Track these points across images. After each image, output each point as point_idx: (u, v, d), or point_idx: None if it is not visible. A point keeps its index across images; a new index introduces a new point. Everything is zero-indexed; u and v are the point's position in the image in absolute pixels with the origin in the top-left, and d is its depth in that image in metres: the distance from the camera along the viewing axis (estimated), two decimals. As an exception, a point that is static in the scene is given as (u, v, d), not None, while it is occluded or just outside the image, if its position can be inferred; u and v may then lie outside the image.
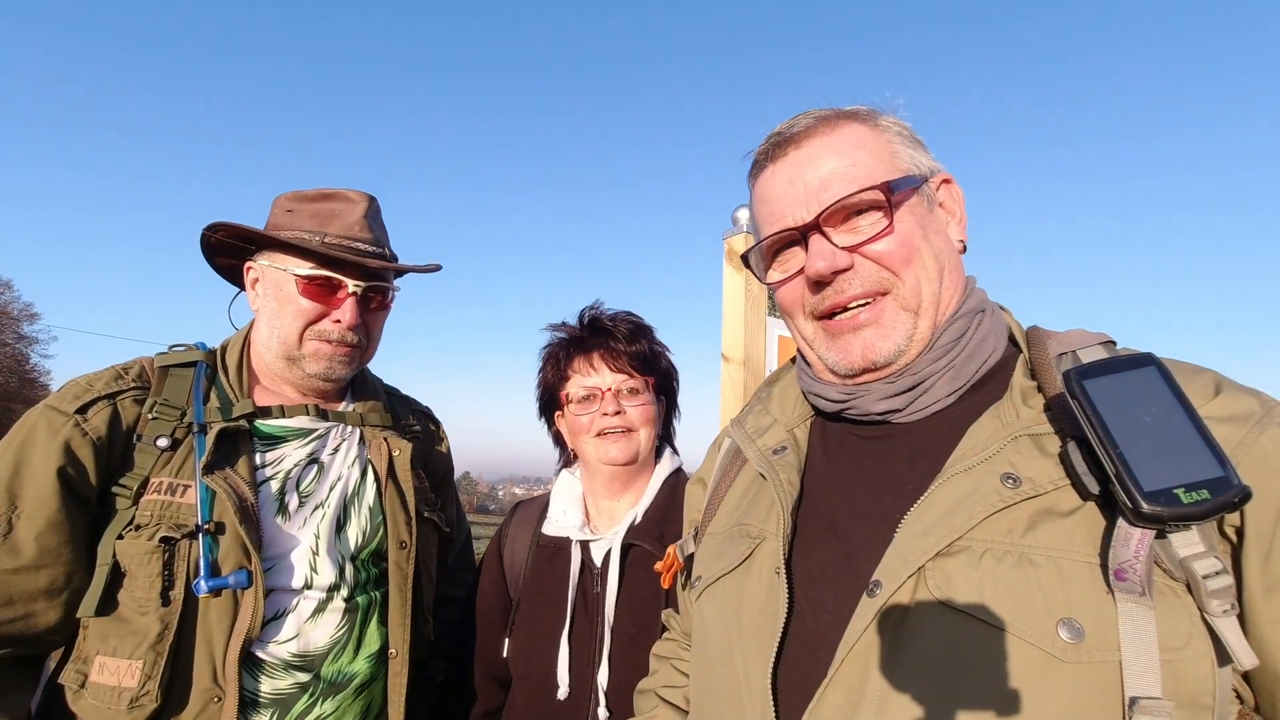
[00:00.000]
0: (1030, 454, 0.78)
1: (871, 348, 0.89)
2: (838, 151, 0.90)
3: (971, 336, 0.89)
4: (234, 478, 1.30)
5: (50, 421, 1.23)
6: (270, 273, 1.45)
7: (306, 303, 1.42)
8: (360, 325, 1.47)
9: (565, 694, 1.39)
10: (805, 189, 0.90)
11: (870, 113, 0.95)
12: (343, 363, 1.47)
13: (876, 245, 0.88)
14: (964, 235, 0.96)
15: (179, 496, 1.27)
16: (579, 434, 1.53)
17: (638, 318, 1.61)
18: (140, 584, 1.22)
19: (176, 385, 1.37)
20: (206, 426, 1.32)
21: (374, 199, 1.51)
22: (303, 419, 1.46)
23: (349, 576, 1.41)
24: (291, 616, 1.34)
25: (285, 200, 1.48)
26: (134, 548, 1.22)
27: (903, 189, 0.88)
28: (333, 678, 1.38)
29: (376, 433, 1.55)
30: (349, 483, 1.47)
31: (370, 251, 1.45)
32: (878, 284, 0.88)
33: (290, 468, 1.41)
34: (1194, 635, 0.67)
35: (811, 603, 0.84)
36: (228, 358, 1.47)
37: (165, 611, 1.22)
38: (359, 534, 1.45)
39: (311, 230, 1.42)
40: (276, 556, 1.33)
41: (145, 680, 1.19)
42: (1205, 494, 0.65)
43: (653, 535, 1.44)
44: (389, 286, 1.53)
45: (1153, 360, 0.75)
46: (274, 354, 1.45)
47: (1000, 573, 0.72)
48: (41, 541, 1.18)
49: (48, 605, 1.20)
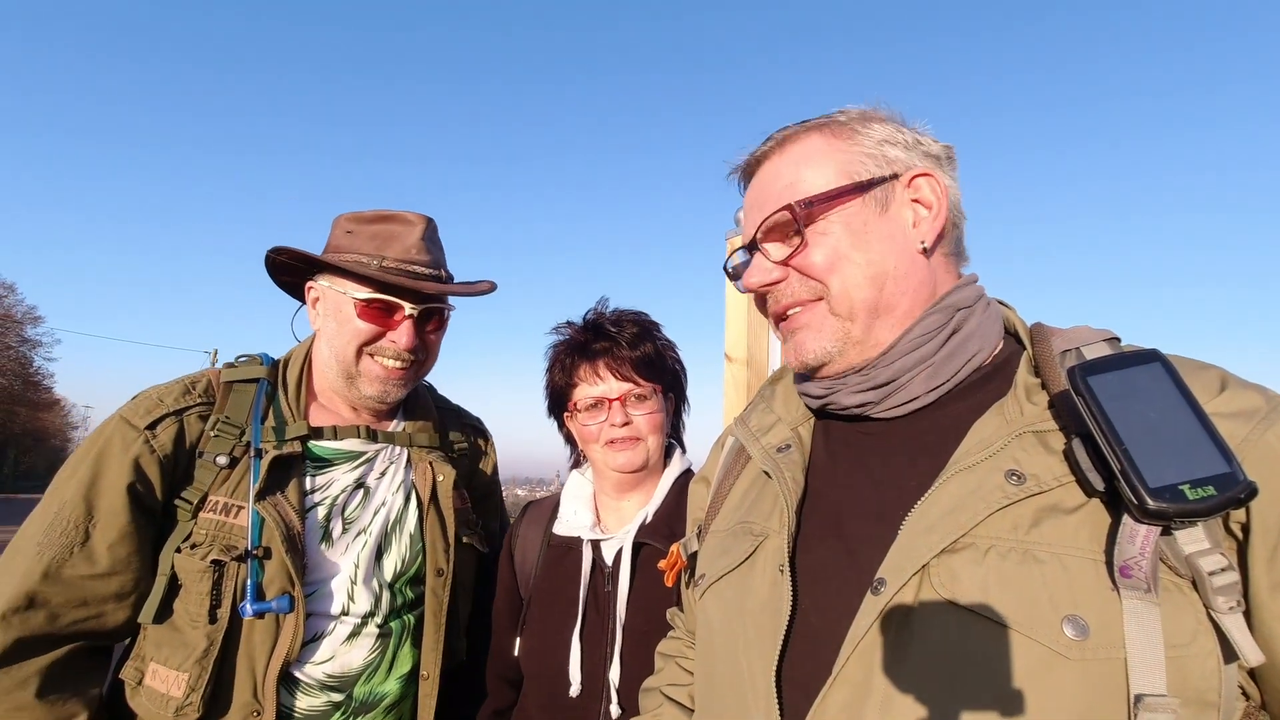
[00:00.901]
0: (1035, 450, 0.77)
1: (801, 347, 0.94)
2: (777, 172, 0.96)
3: (946, 335, 0.89)
4: (283, 505, 1.35)
5: (124, 436, 1.30)
6: (330, 294, 1.49)
7: (364, 325, 1.45)
8: (418, 345, 1.50)
9: (577, 692, 1.40)
10: (757, 210, 0.96)
11: (839, 120, 0.95)
12: (398, 385, 1.51)
13: (798, 259, 0.92)
14: (929, 235, 0.92)
15: (232, 518, 1.32)
16: (587, 441, 1.54)
17: (644, 317, 1.60)
18: (193, 599, 1.29)
19: (238, 402, 1.43)
20: (262, 451, 1.37)
21: (431, 220, 1.54)
22: (353, 441, 1.50)
23: (384, 604, 1.45)
24: (328, 640, 1.38)
25: (345, 221, 1.52)
26: (189, 564, 1.29)
27: (822, 202, 0.90)
28: (364, 697, 1.43)
29: (423, 455, 1.58)
30: (392, 509, 1.51)
31: (427, 275, 1.48)
32: (809, 292, 0.93)
33: (338, 493, 1.45)
34: (1199, 632, 0.67)
35: (815, 600, 0.84)
36: (289, 374, 1.52)
37: (212, 629, 1.28)
38: (398, 561, 1.49)
39: (370, 254, 1.45)
40: (318, 582, 1.38)
41: (190, 692, 1.25)
42: (1211, 490, 0.65)
43: (663, 534, 1.45)
44: (445, 307, 1.56)
45: (1158, 356, 0.74)
46: (334, 373, 1.49)
47: (1005, 570, 0.72)
48: (114, 551, 1.26)
49: (116, 607, 1.29)
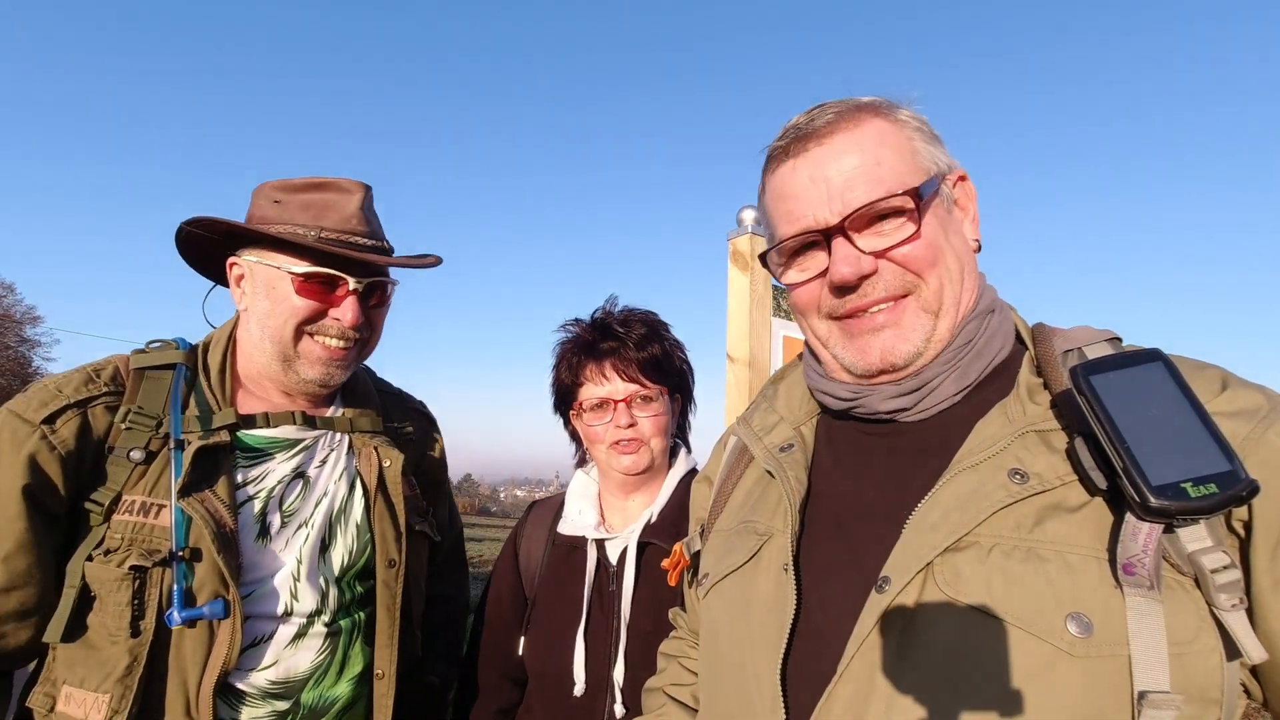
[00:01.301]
0: (1037, 450, 0.78)
1: (891, 350, 0.88)
2: (861, 149, 0.87)
3: (980, 337, 0.89)
4: (212, 501, 1.20)
5: (15, 432, 1.14)
6: (260, 270, 1.33)
7: (303, 302, 1.31)
8: (362, 324, 1.37)
9: (581, 691, 1.41)
10: (828, 188, 0.87)
11: (890, 106, 0.92)
12: (341, 366, 1.38)
13: (903, 250, 0.85)
14: (978, 234, 0.95)
15: (152, 518, 1.18)
16: (593, 441, 1.55)
17: (652, 316, 1.60)
18: (110, 612, 1.15)
19: (153, 390, 1.28)
20: (184, 442, 1.23)
21: (369, 188, 1.40)
22: (289, 428, 1.37)
23: (332, 600, 1.34)
24: (270, 644, 1.26)
25: (270, 190, 1.36)
26: (103, 573, 1.15)
27: (928, 192, 0.86)
28: (313, 703, 1.32)
29: (367, 440, 1.46)
30: (335, 499, 1.39)
31: (370, 246, 1.36)
32: (901, 287, 0.87)
33: (274, 484, 1.32)
34: (1202, 629, 0.68)
35: (820, 599, 0.84)
36: (209, 359, 1.36)
37: (135, 643, 1.14)
38: (345, 554, 1.37)
39: (305, 224, 1.31)
40: (256, 582, 1.26)
41: (112, 715, 1.12)
42: (1213, 488, 0.65)
43: (668, 534, 1.45)
44: (389, 281, 1.43)
45: (1159, 356, 0.75)
46: (268, 356, 1.34)
47: (1009, 568, 0.72)
48: (10, 564, 1.12)
49: (18, 626, 1.15)
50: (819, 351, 0.98)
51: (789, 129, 0.93)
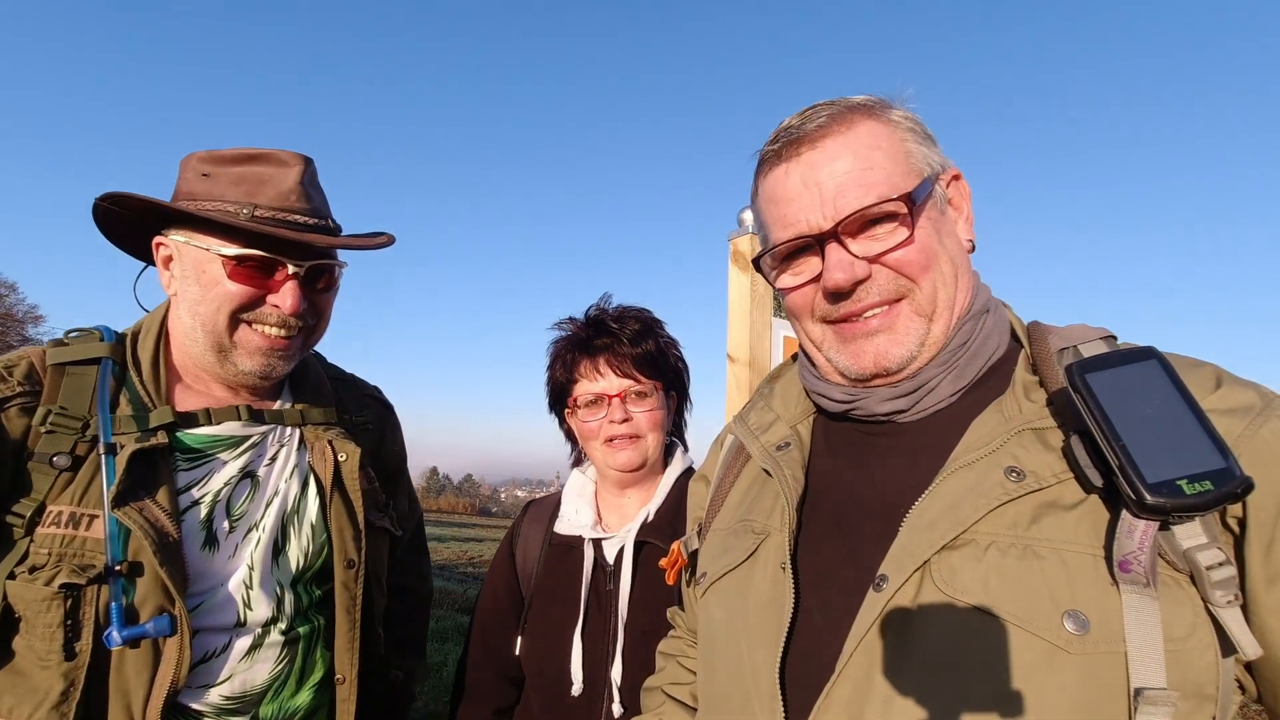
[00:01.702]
0: (1033, 447, 0.78)
1: (884, 354, 0.88)
2: (854, 153, 0.86)
3: (976, 337, 0.89)
4: (151, 509, 1.09)
5: None
6: (188, 251, 1.20)
7: (236, 287, 1.18)
8: (306, 310, 1.24)
9: (579, 691, 1.41)
10: (820, 193, 0.86)
11: (883, 106, 0.91)
12: (282, 357, 1.26)
13: (896, 255, 0.85)
14: (972, 234, 0.94)
15: (83, 529, 1.07)
16: (587, 438, 1.55)
17: (646, 313, 1.60)
18: (38, 634, 1.04)
19: (75, 388, 1.14)
20: (116, 446, 1.11)
21: (310, 161, 1.26)
22: (233, 425, 1.25)
23: (288, 607, 1.25)
24: (223, 657, 1.18)
25: (198, 162, 1.22)
26: (28, 592, 1.04)
27: (921, 195, 0.86)
28: (272, 716, 1.24)
29: (320, 433, 1.35)
30: (288, 498, 1.29)
31: (310, 225, 1.22)
32: (894, 292, 0.87)
33: (219, 487, 1.21)
34: (1198, 626, 0.68)
35: (818, 598, 0.84)
36: (140, 350, 1.23)
37: (70, 666, 1.04)
38: (300, 556, 1.28)
39: (237, 201, 1.17)
40: (205, 593, 1.16)
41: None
42: (1208, 485, 0.65)
43: (665, 533, 1.45)
44: (335, 264, 1.29)
45: (1154, 354, 0.75)
46: (201, 346, 1.22)
47: (1005, 565, 0.73)
48: None
49: None
50: (813, 354, 0.98)
51: (781, 131, 0.92)
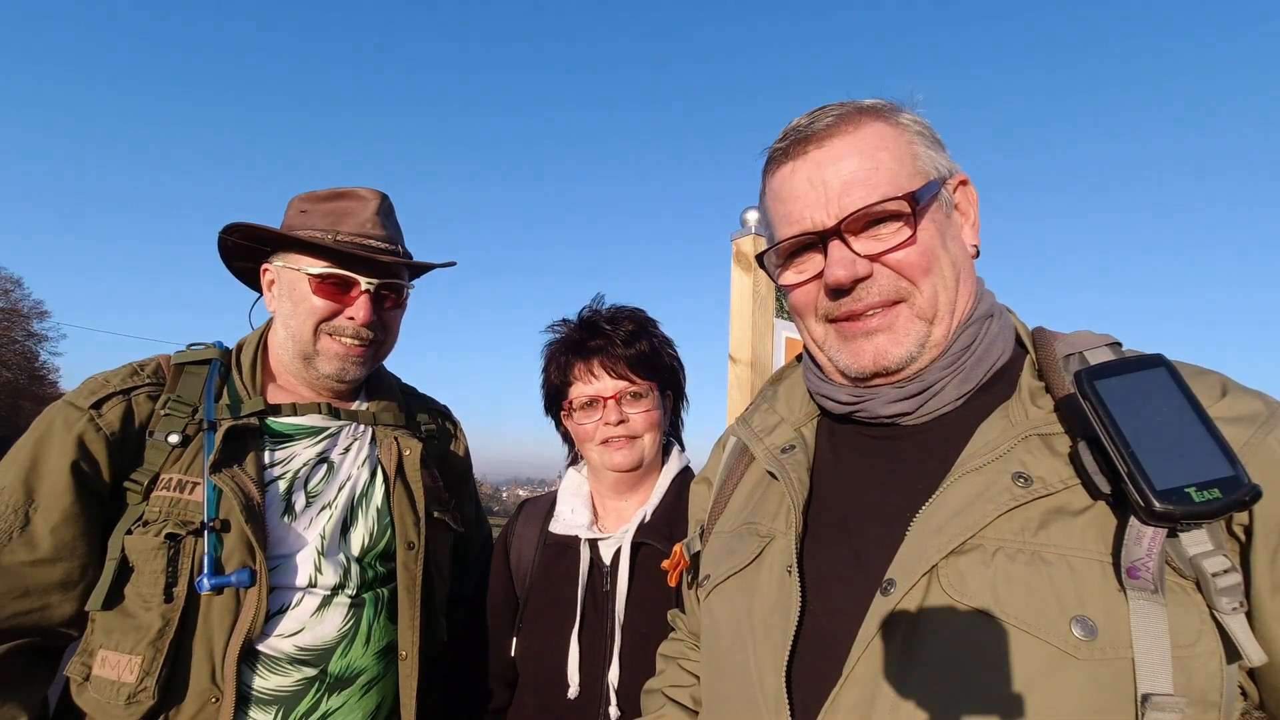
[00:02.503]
0: (1040, 453, 0.78)
1: (884, 353, 0.88)
2: (860, 153, 0.87)
3: (981, 341, 0.89)
4: (241, 476, 1.30)
5: (66, 416, 1.26)
6: (285, 273, 1.46)
7: (320, 301, 1.43)
8: (376, 323, 1.48)
9: (576, 693, 1.40)
10: (826, 191, 0.87)
11: (892, 109, 0.92)
12: (357, 362, 1.48)
13: (897, 255, 0.86)
14: (977, 239, 0.95)
15: (187, 494, 1.28)
16: (583, 440, 1.54)
17: (640, 313, 1.60)
18: (145, 579, 1.23)
19: (190, 382, 1.39)
20: (216, 424, 1.33)
21: (386, 196, 1.52)
22: (314, 417, 1.47)
23: (354, 576, 1.41)
24: (295, 612, 1.33)
25: (299, 201, 1.50)
26: (141, 543, 1.24)
27: (926, 197, 0.86)
28: (340, 672, 1.37)
29: (388, 432, 1.55)
30: (357, 483, 1.48)
31: (383, 249, 1.46)
32: (894, 293, 0.87)
33: (299, 467, 1.41)
34: (1204, 632, 0.68)
35: (824, 601, 0.84)
36: (243, 356, 1.48)
37: (168, 608, 1.22)
38: (365, 535, 1.45)
39: (324, 229, 1.43)
40: (281, 556, 1.34)
41: (143, 676, 1.19)
42: (1216, 493, 0.66)
43: (662, 534, 1.44)
44: (403, 284, 1.53)
45: (1163, 361, 0.75)
46: (290, 354, 1.46)
47: (1013, 571, 0.73)
48: (57, 535, 1.21)
49: (62, 598, 1.23)
50: (816, 355, 0.99)
51: (789, 131, 0.93)
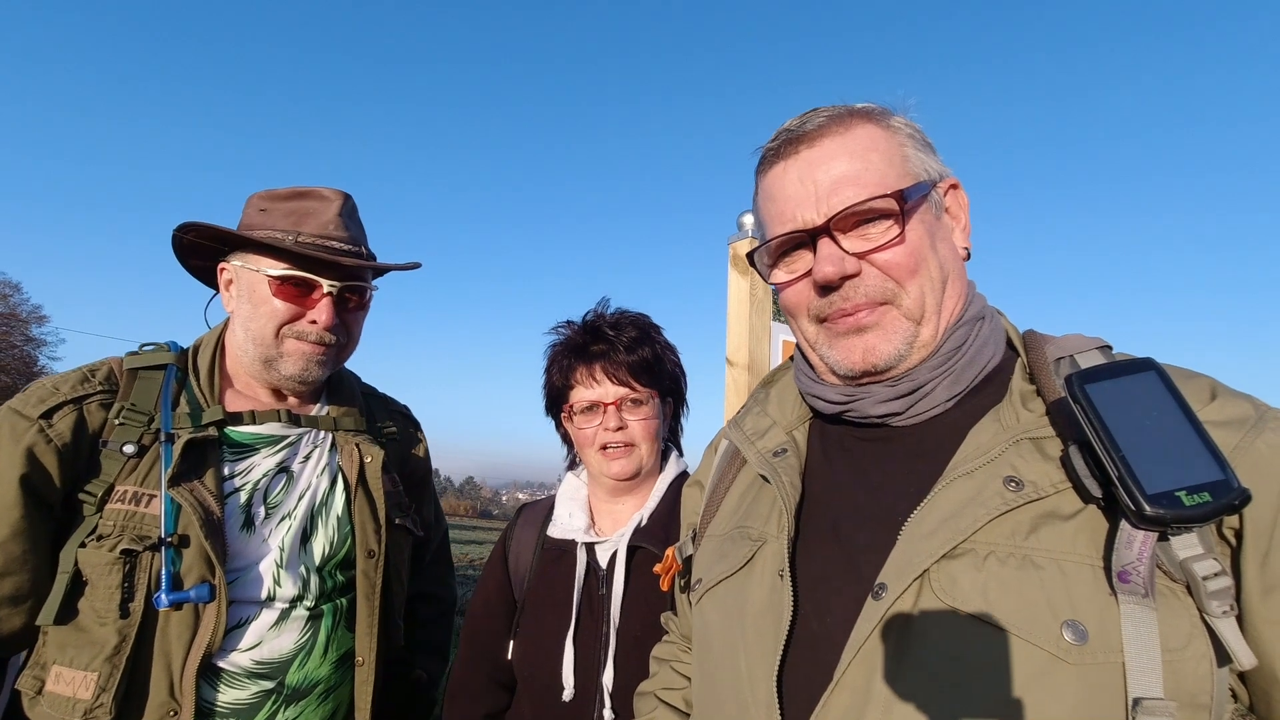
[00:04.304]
0: (1031, 457, 0.78)
1: (873, 350, 0.89)
2: (850, 153, 0.88)
3: (971, 343, 0.90)
4: (200, 490, 1.27)
5: (14, 426, 1.21)
6: (244, 274, 1.42)
7: (280, 304, 1.38)
8: (338, 325, 1.44)
9: (570, 696, 1.40)
10: (816, 190, 0.88)
11: (883, 112, 0.93)
12: (320, 363, 1.44)
13: (885, 254, 0.86)
14: (968, 242, 0.95)
15: (143, 506, 1.24)
16: (582, 445, 1.55)
17: (644, 319, 1.60)
18: (100, 595, 1.20)
19: (145, 389, 1.35)
20: (174, 435, 1.29)
21: (349, 196, 1.48)
22: (274, 425, 1.44)
23: (313, 587, 1.40)
24: (254, 626, 1.32)
25: (258, 199, 1.45)
26: (95, 557, 1.21)
27: (915, 197, 0.87)
28: (297, 684, 1.37)
29: (349, 438, 1.52)
30: (317, 492, 1.45)
31: (345, 250, 1.42)
32: (881, 294, 0.88)
33: (259, 478, 1.39)
34: (1194, 636, 0.68)
35: (815, 606, 0.84)
36: (199, 359, 1.44)
37: (124, 624, 1.20)
38: (326, 544, 1.43)
39: (285, 229, 1.38)
40: (240, 569, 1.32)
41: (100, 693, 1.17)
42: (1207, 496, 0.65)
43: (658, 538, 1.44)
44: (366, 286, 1.50)
45: (1153, 365, 0.75)
46: (251, 356, 1.42)
47: (1004, 575, 0.73)
48: (6, 549, 1.18)
49: (11, 612, 1.20)
50: (808, 354, 0.99)
51: (781, 131, 0.94)
